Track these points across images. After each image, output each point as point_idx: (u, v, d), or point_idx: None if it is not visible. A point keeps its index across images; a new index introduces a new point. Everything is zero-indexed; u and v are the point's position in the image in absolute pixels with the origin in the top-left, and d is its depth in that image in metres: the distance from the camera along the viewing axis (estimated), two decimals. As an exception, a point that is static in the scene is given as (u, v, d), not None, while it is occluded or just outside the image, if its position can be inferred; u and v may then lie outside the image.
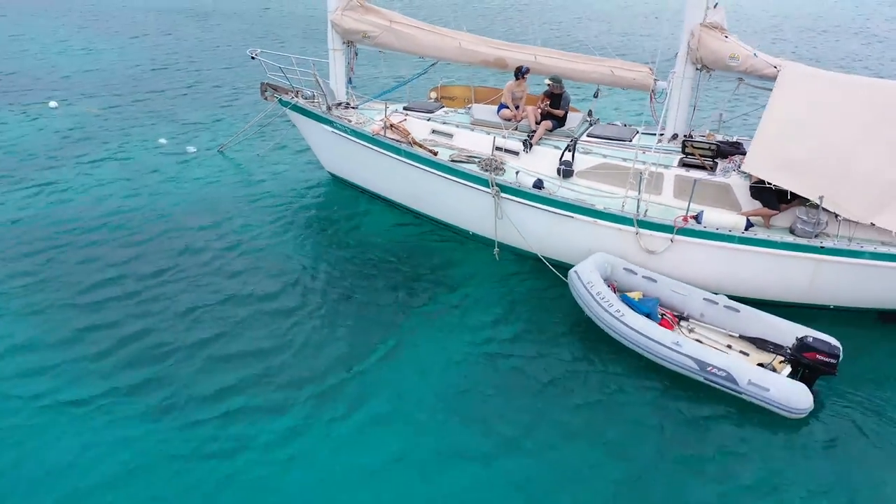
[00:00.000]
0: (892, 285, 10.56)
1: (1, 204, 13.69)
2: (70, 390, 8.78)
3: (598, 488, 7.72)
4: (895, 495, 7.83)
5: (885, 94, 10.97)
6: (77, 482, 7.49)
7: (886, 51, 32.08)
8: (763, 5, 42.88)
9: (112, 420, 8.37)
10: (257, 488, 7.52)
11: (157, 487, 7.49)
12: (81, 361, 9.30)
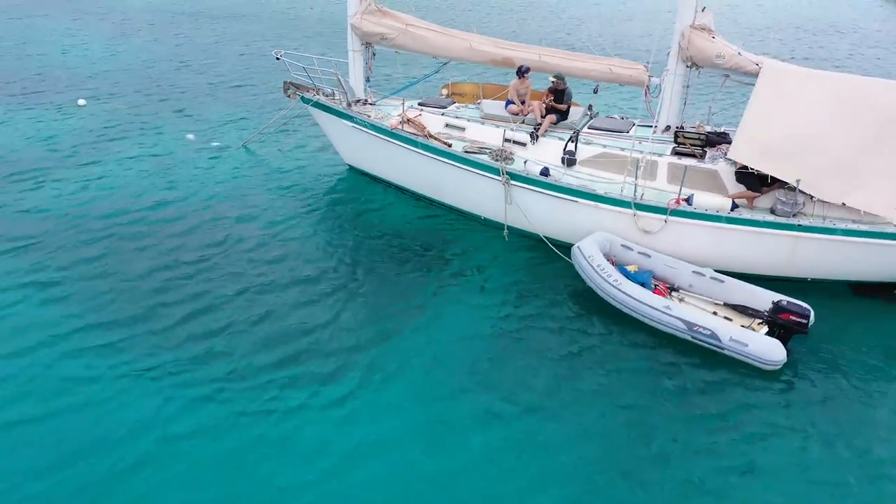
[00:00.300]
0: (861, 259, 11.92)
1: (55, 197, 15.01)
2: (143, 360, 10.09)
3: (606, 432, 9.07)
4: (852, 432, 9.18)
5: (854, 89, 12.30)
6: (156, 436, 8.76)
7: (870, 49, 33.43)
8: (757, 6, 44.22)
9: (182, 384, 9.67)
10: (316, 442, 8.81)
11: (227, 440, 8.78)
12: (150, 336, 10.59)
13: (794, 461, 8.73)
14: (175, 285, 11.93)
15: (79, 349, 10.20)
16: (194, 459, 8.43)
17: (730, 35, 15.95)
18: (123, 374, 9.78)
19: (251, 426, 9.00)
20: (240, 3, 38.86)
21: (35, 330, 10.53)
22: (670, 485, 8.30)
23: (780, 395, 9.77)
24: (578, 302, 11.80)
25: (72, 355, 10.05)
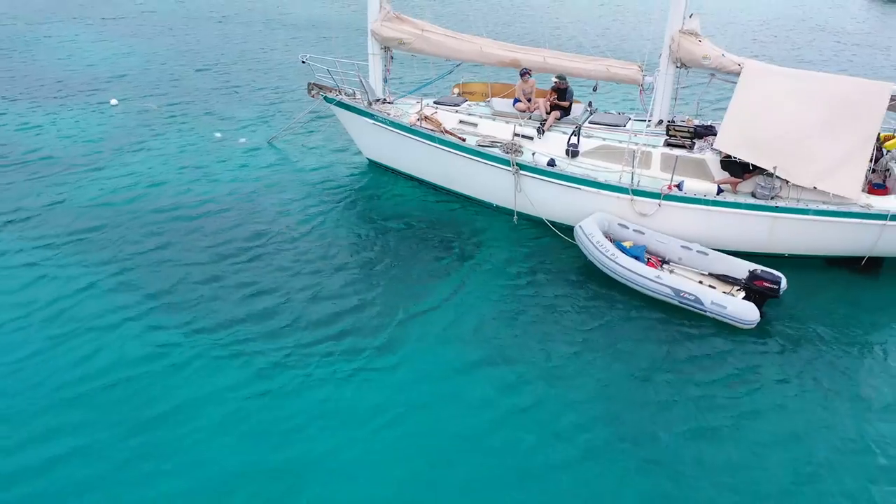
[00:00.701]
0: (830, 235, 13.60)
1: (112, 192, 16.60)
2: (210, 321, 11.79)
3: (609, 382, 10.73)
4: (817, 378, 10.86)
5: (820, 84, 14.00)
6: (234, 396, 10.37)
7: (854, 46, 35.15)
8: (746, 9, 45.94)
9: (247, 340, 11.36)
10: (370, 387, 10.47)
11: (294, 384, 10.45)
12: (215, 314, 12.12)
13: (769, 403, 10.39)
14: (230, 264, 13.59)
15: (154, 325, 11.72)
16: (267, 417, 10.01)
17: (720, 36, 17.64)
18: (199, 345, 11.28)
19: (310, 376, 10.63)
20: (257, 10, 40.53)
21: (114, 310, 12.07)
22: (666, 425, 9.97)
23: (755, 349, 11.44)
24: (580, 275, 13.50)
25: (150, 330, 11.62)
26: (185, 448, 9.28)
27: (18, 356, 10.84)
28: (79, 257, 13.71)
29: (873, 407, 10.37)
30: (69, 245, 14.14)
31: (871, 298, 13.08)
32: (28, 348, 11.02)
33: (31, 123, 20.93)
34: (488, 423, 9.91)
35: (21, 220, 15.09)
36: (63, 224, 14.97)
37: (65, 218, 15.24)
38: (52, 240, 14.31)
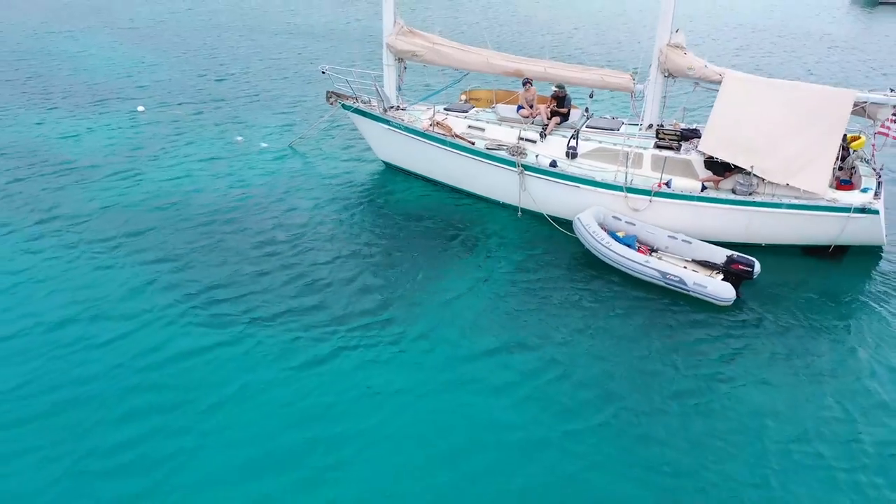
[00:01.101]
0: (801, 227, 15.35)
1: (155, 196, 18.24)
2: (259, 311, 13.44)
3: (607, 354, 12.44)
4: (786, 348, 12.61)
5: (795, 93, 15.75)
6: (279, 367, 12.04)
7: (831, 50, 37.05)
8: (732, 20, 47.83)
9: (297, 327, 13.00)
10: (405, 362, 12.16)
11: (343, 364, 12.07)
12: (267, 293, 13.87)
13: (742, 369, 12.11)
14: (275, 264, 15.02)
15: (215, 314, 13.23)
16: (322, 393, 11.53)
17: (710, 42, 19.35)
18: (257, 332, 12.79)
19: (350, 356, 12.23)
20: (275, 19, 42.25)
21: (176, 301, 13.60)
22: (659, 387, 11.68)
23: (731, 323, 13.19)
24: (579, 262, 15.23)
25: (212, 318, 13.16)
26: (255, 421, 10.83)
27: (99, 342, 12.45)
28: (137, 255, 15.29)
29: (832, 372, 12.08)
30: (126, 244, 15.73)
31: (836, 281, 14.82)
32: (106, 335, 12.61)
33: (69, 132, 22.58)
34: (508, 393, 11.60)
35: (80, 222, 16.71)
36: (116, 225, 16.57)
37: (117, 219, 16.87)
38: (110, 240, 15.92)
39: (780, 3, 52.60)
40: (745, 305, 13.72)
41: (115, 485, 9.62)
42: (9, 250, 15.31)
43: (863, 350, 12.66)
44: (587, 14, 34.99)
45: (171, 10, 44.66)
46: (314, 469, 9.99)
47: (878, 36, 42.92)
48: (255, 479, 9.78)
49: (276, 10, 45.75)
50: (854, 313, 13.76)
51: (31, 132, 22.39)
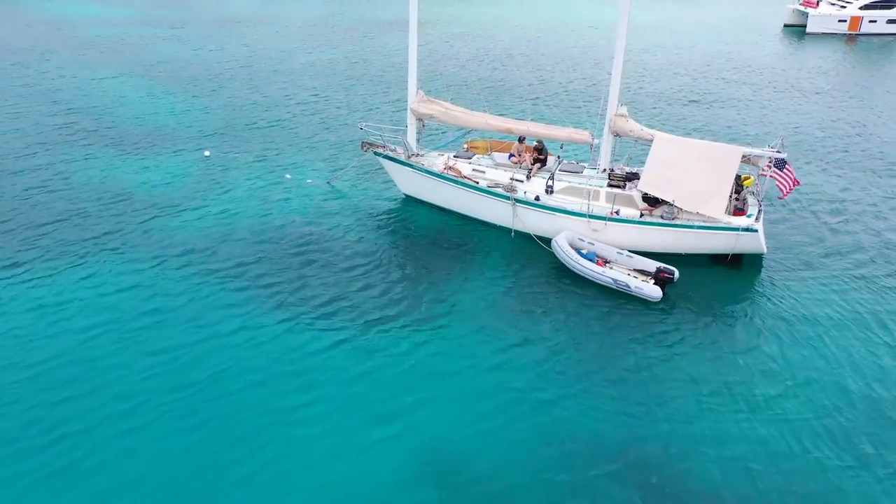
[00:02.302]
0: (707, 240, 21.92)
1: (226, 221, 24.19)
2: (314, 312, 19.51)
3: (574, 339, 18.78)
4: (701, 331, 19.15)
5: (701, 149, 22.34)
6: (317, 358, 18.02)
7: (768, 83, 44.15)
8: (682, 51, 54.76)
9: (334, 325, 19.11)
10: (395, 348, 18.30)
11: (357, 353, 18.15)
12: (322, 302, 19.98)
13: (666, 344, 18.54)
14: (321, 270, 21.30)
15: (283, 318, 19.34)
16: (376, 377, 17.60)
17: (662, 78, 25.86)
18: (320, 333, 18.89)
19: (372, 346, 18.18)
20: (314, 69, 48.03)
21: (246, 304, 19.63)
22: (617, 360, 18.07)
23: (660, 313, 19.67)
24: (556, 271, 21.64)
25: (283, 322, 19.35)
26: (331, 397, 16.64)
27: (201, 336, 18.33)
28: (211, 265, 21.35)
29: (734, 345, 18.56)
30: (178, 259, 21.70)
31: (734, 281, 21.44)
32: (207, 331, 18.59)
33: (154, 175, 28.35)
34: (512, 367, 17.88)
35: (132, 244, 22.57)
36: (198, 246, 22.49)
37: (202, 241, 22.81)
38: (191, 256, 21.90)
39: (718, 33, 59.75)
40: (670, 301, 20.22)
41: (303, 429, 15.42)
42: (171, 278, 21.31)
43: (754, 328, 19.18)
44: (558, 84, 41.86)
45: (220, 56, 50.20)
46: (411, 420, 15.92)
47: (806, 64, 50.15)
48: (380, 426, 15.72)
49: (300, 54, 51.59)
50: (747, 302, 20.38)
51: (123, 176, 28.18)
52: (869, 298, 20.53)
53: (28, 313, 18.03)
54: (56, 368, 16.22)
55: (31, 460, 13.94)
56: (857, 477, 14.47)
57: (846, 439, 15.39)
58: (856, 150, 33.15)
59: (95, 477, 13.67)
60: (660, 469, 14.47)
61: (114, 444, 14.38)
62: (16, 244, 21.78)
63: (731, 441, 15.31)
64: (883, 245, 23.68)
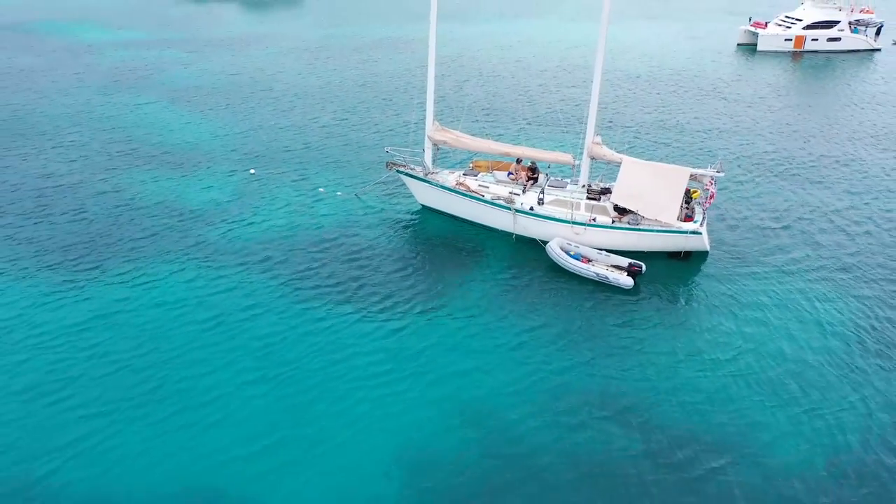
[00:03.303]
0: (665, 241, 27.89)
1: (272, 231, 29.56)
2: (374, 306, 25.07)
3: (566, 325, 24.50)
4: (666, 313, 25.08)
5: (658, 169, 28.31)
6: (372, 337, 23.79)
7: (722, 99, 50.57)
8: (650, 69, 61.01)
9: (393, 316, 24.65)
10: (439, 332, 23.91)
11: (413, 336, 23.87)
12: (369, 297, 25.52)
13: (644, 324, 24.37)
14: (359, 272, 26.86)
15: (347, 304, 25.04)
16: (399, 355, 23.47)
17: (630, 99, 31.84)
18: (351, 319, 24.65)
19: (390, 329, 23.97)
20: (338, 95, 53.34)
21: (295, 301, 25.15)
22: (603, 337, 23.88)
23: (633, 296, 25.47)
24: (549, 268, 27.38)
25: (314, 314, 24.92)
26: (399, 369, 22.27)
27: (292, 325, 23.92)
28: (283, 269, 26.80)
29: (694, 324, 24.40)
30: (258, 265, 27.07)
31: (687, 272, 27.31)
32: (297, 321, 24.18)
33: (210, 189, 33.69)
34: (514, 345, 23.64)
35: (217, 252, 28.02)
36: (268, 252, 27.86)
37: (269, 248, 28.15)
38: (266, 262, 27.25)
39: (681, 52, 66.14)
40: (641, 288, 26.03)
41: (383, 389, 20.92)
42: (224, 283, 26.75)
43: (708, 307, 24.87)
44: (545, 106, 47.98)
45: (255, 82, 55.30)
46: (456, 383, 21.70)
47: (757, 81, 56.58)
48: (436, 388, 21.56)
49: (312, 77, 56.92)
50: (700, 287, 26.24)
51: (189, 194, 33.43)
52: (800, 286, 26.29)
53: (155, 309, 23.26)
54: (191, 351, 21.43)
55: (194, 415, 19.09)
56: (784, 410, 20.06)
57: (780, 387, 20.98)
58: (798, 160, 39.31)
59: (243, 425, 18.79)
60: (639, 413, 19.89)
61: (251, 404, 19.54)
62: (124, 253, 26.93)
63: (692, 391, 20.80)
64: (814, 244, 29.50)
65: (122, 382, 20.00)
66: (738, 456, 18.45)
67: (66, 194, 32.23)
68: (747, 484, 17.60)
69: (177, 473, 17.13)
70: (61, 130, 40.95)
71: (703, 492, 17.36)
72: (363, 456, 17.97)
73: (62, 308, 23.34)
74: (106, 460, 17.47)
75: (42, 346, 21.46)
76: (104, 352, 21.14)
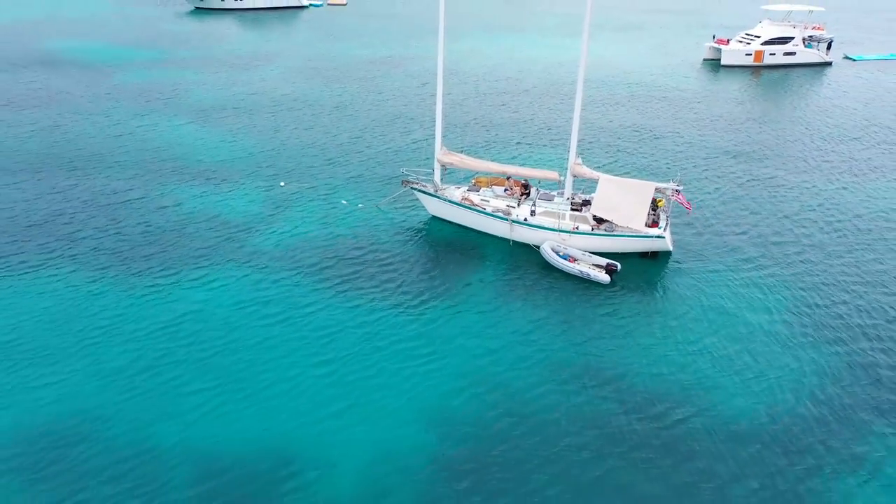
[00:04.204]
0: (634, 244, 33.90)
1: (331, 242, 35.35)
2: (408, 303, 30.92)
3: (554, 315, 30.44)
4: (639, 304, 31.06)
5: (629, 184, 34.29)
6: (368, 329, 29.63)
7: (689, 113, 56.72)
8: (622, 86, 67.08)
9: (424, 313, 30.49)
10: (464, 322, 29.72)
11: (442, 328, 29.64)
12: (402, 295, 31.34)
13: (621, 312, 30.28)
14: (396, 275, 32.71)
15: (386, 301, 30.91)
16: (412, 338, 29.31)
17: (615, 103, 37.81)
18: (396, 308, 30.46)
19: (407, 321, 29.80)
20: (357, 116, 58.71)
21: (360, 296, 31.12)
22: (587, 322, 29.81)
23: (610, 290, 31.38)
24: (542, 267, 33.18)
25: (363, 309, 30.75)
26: (409, 357, 28.03)
27: (349, 317, 29.66)
28: (328, 273, 32.52)
29: (663, 311, 30.42)
30: (307, 269, 32.96)
31: (655, 269, 33.25)
32: (350, 314, 29.90)
33: (251, 202, 39.16)
34: (508, 331, 29.52)
35: (272, 259, 33.77)
36: (295, 258, 33.67)
37: (312, 254, 33.91)
38: (292, 266, 33.04)
39: (654, 68, 72.32)
40: (617, 283, 31.90)
41: (410, 362, 27.00)
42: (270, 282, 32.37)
43: (675, 297, 30.77)
44: (533, 125, 53.70)
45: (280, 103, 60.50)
46: (463, 356, 27.76)
47: (721, 94, 62.88)
48: (423, 365, 27.44)
49: (326, 98, 62.30)
50: (667, 282, 32.21)
51: (237, 206, 38.83)
52: (753, 280, 32.14)
53: (232, 307, 28.61)
54: (268, 339, 26.82)
55: (280, 387, 24.47)
56: (738, 375, 25.73)
57: (735, 358, 26.65)
58: (757, 172, 45.37)
59: (319, 395, 24.22)
60: (622, 381, 25.49)
61: (323, 380, 24.95)
62: (195, 261, 32.23)
63: (664, 364, 26.40)
64: (766, 245, 35.39)
65: (219, 364, 25.55)
66: (699, 409, 24.21)
67: (133, 209, 37.61)
68: (706, 427, 23.36)
69: (273, 431, 22.73)
70: (111, 151, 46.17)
71: (672, 434, 23.16)
72: (412, 416, 23.63)
73: (155, 307, 28.79)
74: (218, 423, 23.05)
75: (148, 337, 26.94)
76: (199, 341, 26.66)
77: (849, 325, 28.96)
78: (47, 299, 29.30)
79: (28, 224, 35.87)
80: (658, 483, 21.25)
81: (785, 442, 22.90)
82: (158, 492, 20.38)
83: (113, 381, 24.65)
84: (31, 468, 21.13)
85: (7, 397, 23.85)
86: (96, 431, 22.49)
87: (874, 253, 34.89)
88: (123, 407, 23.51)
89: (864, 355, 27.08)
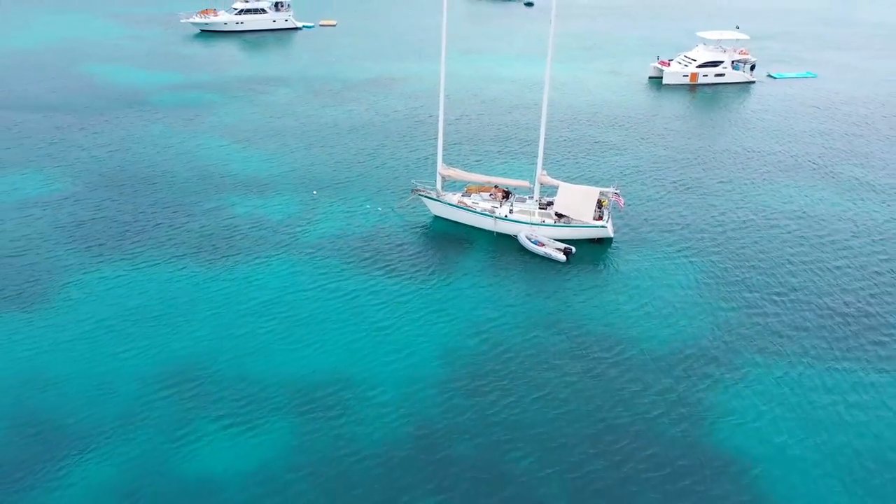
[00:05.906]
0: (584, 232, 46.14)
1: (362, 237, 46.96)
2: (422, 284, 42.73)
3: (530, 294, 42.40)
4: (591, 281, 43.23)
5: (581, 189, 46.58)
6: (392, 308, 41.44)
7: (636, 130, 69.68)
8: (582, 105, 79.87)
9: (437, 293, 42.29)
10: (468, 295, 41.55)
11: (432, 300, 41.57)
12: (418, 278, 43.17)
13: (579, 287, 42.41)
14: (415, 261, 44.45)
15: (394, 286, 42.65)
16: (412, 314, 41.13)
17: (574, 121, 50.23)
18: (413, 292, 42.22)
19: (420, 304, 41.73)
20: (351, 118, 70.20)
21: (388, 284, 42.85)
22: (550, 298, 41.89)
23: (568, 267, 43.43)
24: (519, 253, 44.87)
25: (393, 289, 42.52)
26: (429, 323, 39.96)
27: (381, 299, 41.36)
28: (353, 266, 44.21)
29: (611, 284, 42.65)
30: (347, 260, 44.53)
31: (600, 252, 45.27)
32: (382, 297, 41.63)
33: (292, 209, 50.50)
34: (493, 307, 41.43)
35: (316, 251, 45.33)
36: (335, 251, 45.22)
37: (352, 250, 45.39)
38: (334, 258, 44.66)
39: (606, 85, 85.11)
40: (572, 263, 43.80)
41: (424, 325, 38.79)
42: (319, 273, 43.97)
43: (621, 274, 42.83)
44: (508, 142, 66.33)
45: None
46: (454, 325, 39.67)
47: (662, 110, 75.62)
48: (438, 325, 39.35)
49: (343, 118, 73.81)
50: (613, 261, 44.34)
51: (281, 210, 50.15)
52: (678, 258, 43.92)
53: (297, 289, 39.84)
54: (324, 313, 37.81)
55: (343, 338, 36.16)
56: (666, 327, 37.51)
57: (667, 315, 38.02)
58: (693, 177, 57.31)
59: (376, 345, 36.34)
60: (577, 330, 36.92)
61: (377, 336, 36.97)
62: (250, 252, 43.35)
63: (611, 318, 38.03)
64: (698, 234, 47.36)
65: (322, 328, 36.87)
66: (631, 346, 35.73)
67: (188, 212, 48.85)
68: (636, 357, 34.85)
69: (331, 366, 34.33)
70: (158, 164, 57.30)
71: (609, 362, 34.92)
72: (432, 357, 35.23)
73: (219, 288, 39.98)
74: (308, 360, 34.73)
75: (243, 312, 38.60)
76: (273, 313, 38.19)
77: (744, 292, 41.19)
78: (175, 282, 40.29)
79: (137, 230, 46.93)
80: (602, 388, 33.08)
81: (689, 363, 35.01)
82: (267, 401, 31.73)
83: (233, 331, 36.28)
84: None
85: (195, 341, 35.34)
86: (236, 365, 34.15)
87: (775, 242, 47.17)
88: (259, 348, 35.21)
89: (751, 311, 39.33)
